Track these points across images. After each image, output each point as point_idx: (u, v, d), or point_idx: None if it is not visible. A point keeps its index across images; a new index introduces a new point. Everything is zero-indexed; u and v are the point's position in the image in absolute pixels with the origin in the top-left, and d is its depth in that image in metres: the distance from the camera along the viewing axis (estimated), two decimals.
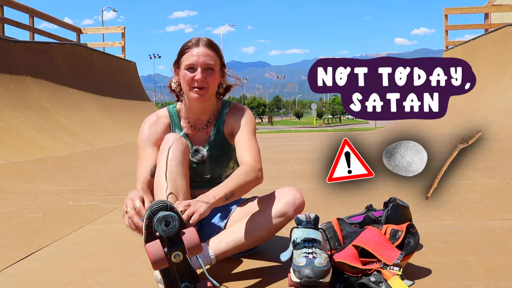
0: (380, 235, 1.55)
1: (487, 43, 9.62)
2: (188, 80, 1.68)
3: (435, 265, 1.62)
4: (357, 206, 2.68)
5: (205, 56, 1.68)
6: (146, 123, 1.80)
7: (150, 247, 1.28)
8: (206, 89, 1.69)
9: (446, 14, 12.11)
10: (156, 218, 1.27)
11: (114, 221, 2.55)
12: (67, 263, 1.82)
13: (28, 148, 5.41)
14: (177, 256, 1.29)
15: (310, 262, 1.36)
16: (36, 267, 1.77)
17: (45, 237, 2.20)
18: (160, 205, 1.30)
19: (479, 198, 2.80)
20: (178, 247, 1.29)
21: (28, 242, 2.13)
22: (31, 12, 9.73)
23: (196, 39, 1.72)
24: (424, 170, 1.78)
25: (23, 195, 3.43)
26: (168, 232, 1.28)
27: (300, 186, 3.51)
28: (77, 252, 1.97)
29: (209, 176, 1.82)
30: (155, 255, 1.27)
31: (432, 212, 2.47)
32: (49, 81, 8.01)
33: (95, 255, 1.92)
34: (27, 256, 1.90)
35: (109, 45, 13.19)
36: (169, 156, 1.60)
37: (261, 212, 1.65)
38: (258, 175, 1.62)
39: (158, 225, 1.27)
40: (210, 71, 1.69)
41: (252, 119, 1.81)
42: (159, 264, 1.28)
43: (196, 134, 1.81)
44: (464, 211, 2.48)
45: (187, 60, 1.68)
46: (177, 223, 1.28)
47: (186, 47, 1.70)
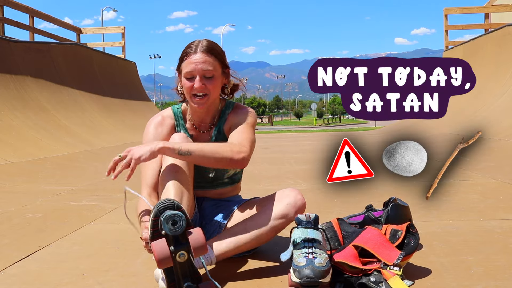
0: (380, 235, 1.55)
1: (487, 43, 9.62)
2: (188, 88, 1.68)
3: (435, 265, 1.62)
4: (357, 206, 2.68)
5: (202, 63, 1.66)
6: (151, 124, 1.79)
7: (156, 245, 1.28)
8: (207, 95, 1.68)
9: (446, 14, 12.11)
10: (163, 217, 1.28)
11: (114, 221, 2.55)
12: (67, 263, 1.82)
13: (28, 148, 5.41)
14: (182, 255, 1.29)
15: (310, 262, 1.37)
16: (36, 267, 1.77)
17: (45, 237, 2.20)
18: (167, 204, 1.31)
19: (479, 198, 2.81)
20: (183, 246, 1.30)
21: (28, 242, 2.13)
22: (31, 12, 9.73)
23: (196, 44, 1.70)
24: (424, 170, 1.78)
25: (23, 195, 3.43)
26: (175, 231, 1.28)
27: (300, 186, 3.51)
28: (77, 252, 1.97)
29: (212, 176, 1.82)
30: (161, 254, 1.27)
31: (432, 212, 2.47)
32: (49, 81, 8.01)
33: (95, 255, 1.92)
34: (27, 256, 1.90)
35: (109, 45, 13.19)
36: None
37: (262, 213, 1.65)
38: (235, 156, 1.58)
39: (165, 223, 1.27)
40: (210, 77, 1.68)
41: (253, 116, 1.80)
42: (164, 263, 1.28)
43: (200, 136, 1.81)
44: (464, 211, 2.48)
45: (186, 68, 1.67)
46: (184, 223, 1.29)
47: (185, 54, 1.69)
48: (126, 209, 1.52)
